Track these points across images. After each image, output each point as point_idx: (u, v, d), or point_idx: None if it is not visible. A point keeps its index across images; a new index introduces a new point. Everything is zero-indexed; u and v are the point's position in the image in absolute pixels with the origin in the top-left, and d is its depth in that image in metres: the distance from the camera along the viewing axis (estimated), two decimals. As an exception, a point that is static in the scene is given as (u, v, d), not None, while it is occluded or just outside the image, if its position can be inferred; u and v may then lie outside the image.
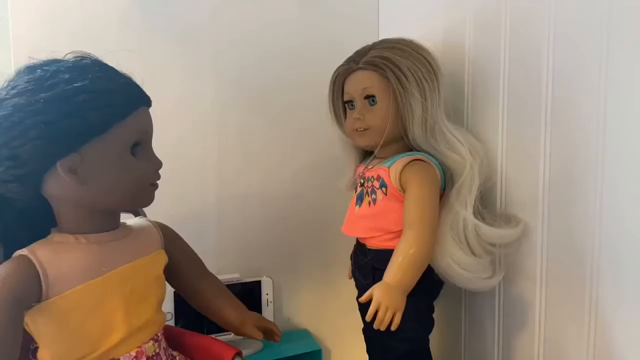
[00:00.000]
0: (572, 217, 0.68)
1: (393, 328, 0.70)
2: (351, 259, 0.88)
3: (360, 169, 0.86)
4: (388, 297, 0.69)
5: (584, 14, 0.64)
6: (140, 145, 0.60)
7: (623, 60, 0.60)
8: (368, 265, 0.81)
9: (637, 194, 0.59)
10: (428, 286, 0.78)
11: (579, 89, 0.66)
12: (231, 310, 0.73)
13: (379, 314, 0.70)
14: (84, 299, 0.56)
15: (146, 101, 0.61)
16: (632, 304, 0.61)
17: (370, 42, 0.82)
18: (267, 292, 1.04)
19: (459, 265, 0.74)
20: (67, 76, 0.54)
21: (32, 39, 0.87)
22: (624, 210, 0.61)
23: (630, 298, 0.61)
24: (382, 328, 0.70)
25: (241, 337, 1.00)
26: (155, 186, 0.63)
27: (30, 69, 0.56)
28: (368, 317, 0.70)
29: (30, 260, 0.55)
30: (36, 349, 0.59)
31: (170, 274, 0.70)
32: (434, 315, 0.82)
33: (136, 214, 0.75)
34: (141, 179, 0.60)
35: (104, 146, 0.55)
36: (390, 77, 0.75)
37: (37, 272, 0.54)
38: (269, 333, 0.75)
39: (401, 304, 0.70)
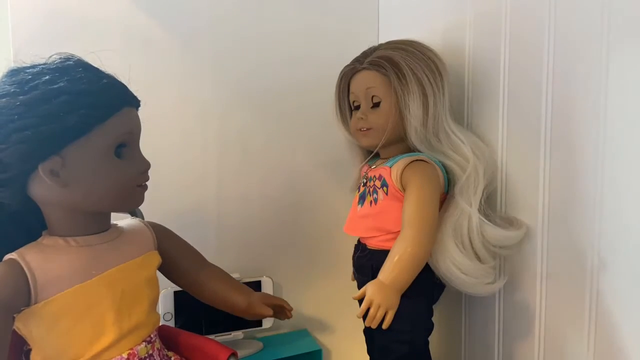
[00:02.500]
0: (573, 218, 0.68)
1: (384, 326, 0.69)
2: (353, 259, 0.87)
3: (365, 168, 0.86)
4: (380, 295, 0.69)
5: (584, 14, 0.64)
6: (126, 147, 0.59)
7: (623, 59, 0.60)
8: (368, 265, 0.81)
9: (637, 194, 0.59)
10: (428, 289, 0.78)
11: (579, 89, 0.66)
12: (237, 294, 0.72)
13: (371, 312, 0.70)
14: (73, 302, 0.56)
15: (131, 102, 0.59)
16: (633, 306, 0.61)
17: (370, 42, 0.83)
18: (267, 292, 1.04)
19: (460, 269, 0.73)
20: (47, 78, 0.53)
21: (32, 39, 0.87)
22: (624, 211, 0.61)
23: (631, 300, 0.61)
24: (373, 326, 0.70)
25: (240, 338, 1.01)
26: (143, 187, 0.62)
27: (14, 71, 0.56)
28: (359, 314, 0.70)
29: (19, 265, 0.55)
30: (29, 350, 0.59)
31: (169, 271, 0.70)
32: (435, 318, 0.82)
33: (132, 214, 0.74)
34: (126, 180, 0.59)
35: (85, 148, 0.55)
36: (391, 76, 0.75)
37: (26, 276, 0.54)
38: (279, 309, 0.74)
39: (394, 302, 0.70)
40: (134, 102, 0.60)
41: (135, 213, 0.75)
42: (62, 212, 0.58)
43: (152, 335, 0.64)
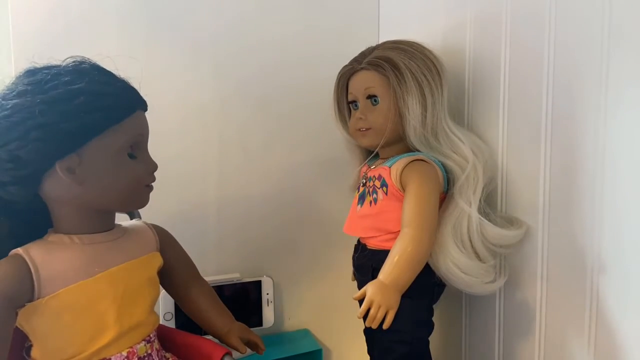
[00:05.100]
0: (573, 218, 0.68)
1: (385, 326, 0.69)
2: (353, 259, 0.87)
3: (364, 168, 0.86)
4: (381, 295, 0.69)
5: (584, 14, 0.64)
6: (137, 148, 0.61)
7: (624, 59, 0.60)
8: (368, 265, 0.80)
9: (637, 194, 0.59)
10: (428, 289, 0.78)
11: (579, 90, 0.65)
12: (219, 318, 0.74)
13: (371, 312, 0.69)
14: (76, 298, 0.57)
15: (142, 105, 0.62)
16: (633, 306, 0.61)
17: (370, 42, 0.83)
18: (267, 292, 1.04)
19: (460, 268, 0.73)
20: (66, 79, 0.55)
21: (33, 40, 0.87)
22: (624, 211, 0.61)
23: (631, 300, 0.61)
24: (374, 326, 0.70)
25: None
26: (150, 188, 0.63)
27: (31, 72, 0.57)
28: (359, 315, 0.70)
29: (23, 259, 0.56)
30: (30, 346, 0.60)
31: (163, 276, 0.71)
32: (435, 318, 0.82)
33: (131, 217, 0.75)
34: (136, 180, 0.61)
35: (101, 147, 0.57)
36: (390, 76, 0.75)
37: (30, 271, 0.55)
38: (253, 346, 0.75)
39: (394, 302, 0.70)
40: (145, 106, 0.63)
41: (133, 214, 0.76)
42: (71, 209, 0.59)
43: (151, 335, 0.64)
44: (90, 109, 0.55)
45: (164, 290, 0.75)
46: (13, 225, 0.59)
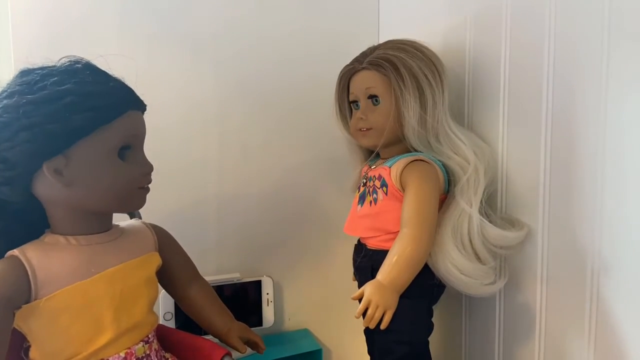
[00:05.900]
0: (573, 219, 0.67)
1: (382, 327, 0.69)
2: (353, 259, 0.87)
3: (365, 168, 0.86)
4: (379, 295, 0.69)
5: (585, 14, 0.64)
6: (130, 149, 0.60)
7: (624, 59, 0.60)
8: (368, 265, 0.80)
9: (638, 195, 0.59)
10: (427, 289, 0.77)
11: (580, 89, 0.65)
12: (218, 318, 0.74)
13: (369, 312, 0.69)
14: (73, 299, 0.57)
15: (137, 105, 0.61)
16: (634, 307, 0.61)
17: (370, 41, 0.83)
18: (267, 292, 1.04)
19: (459, 270, 0.72)
20: (55, 79, 0.55)
21: (33, 41, 0.87)
22: (625, 211, 0.61)
23: (632, 301, 0.61)
24: (372, 326, 0.70)
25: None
26: (146, 190, 0.63)
27: (25, 72, 0.57)
28: (357, 314, 0.70)
29: (20, 261, 0.55)
30: (29, 347, 0.60)
31: (162, 276, 0.71)
32: (435, 318, 0.82)
33: (131, 216, 0.75)
34: (129, 182, 0.60)
35: (89, 148, 0.56)
36: (390, 76, 0.75)
37: (27, 272, 0.55)
38: (253, 345, 0.75)
39: (392, 302, 0.70)
40: (140, 106, 0.62)
41: (133, 214, 0.76)
42: (65, 211, 0.59)
43: (149, 336, 0.64)
44: (77, 110, 0.54)
45: (163, 290, 0.74)
46: (9, 225, 0.59)
